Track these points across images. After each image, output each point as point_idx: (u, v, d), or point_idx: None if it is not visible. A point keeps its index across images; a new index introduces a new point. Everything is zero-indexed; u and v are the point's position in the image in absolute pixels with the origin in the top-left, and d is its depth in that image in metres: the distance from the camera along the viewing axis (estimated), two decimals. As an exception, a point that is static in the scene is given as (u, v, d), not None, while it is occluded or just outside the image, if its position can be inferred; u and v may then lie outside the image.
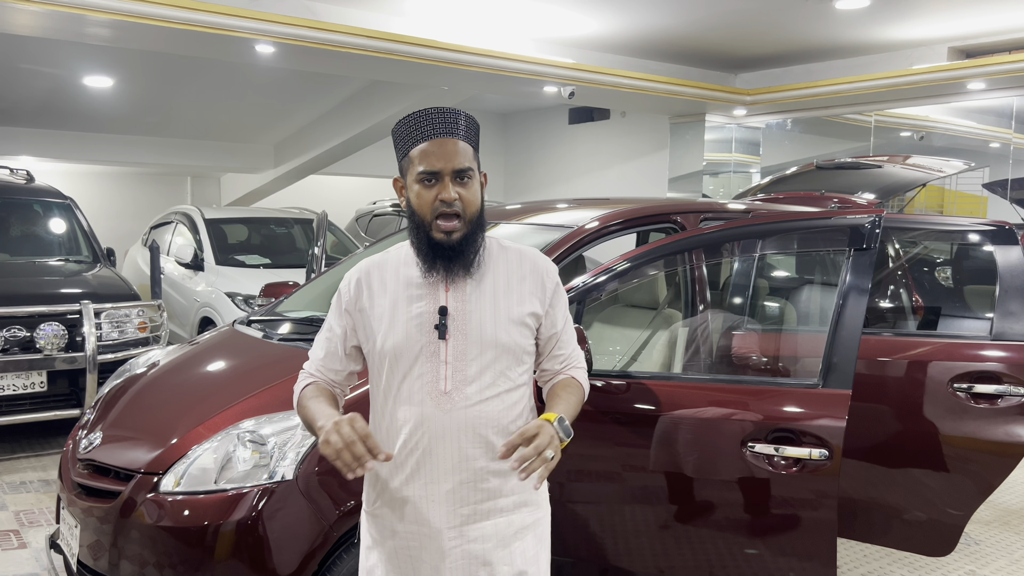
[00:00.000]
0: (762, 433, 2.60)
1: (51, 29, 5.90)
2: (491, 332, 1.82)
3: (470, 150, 1.81)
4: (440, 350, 1.81)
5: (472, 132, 1.84)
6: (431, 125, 1.79)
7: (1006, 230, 3.37)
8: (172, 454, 2.58)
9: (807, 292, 4.19)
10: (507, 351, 1.84)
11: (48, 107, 9.27)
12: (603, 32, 7.34)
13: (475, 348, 1.82)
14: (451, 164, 1.77)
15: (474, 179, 1.82)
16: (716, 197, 9.32)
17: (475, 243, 1.82)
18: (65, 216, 6.63)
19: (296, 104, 9.91)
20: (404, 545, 1.86)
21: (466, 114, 1.85)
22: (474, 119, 1.87)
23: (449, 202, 1.76)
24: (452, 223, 1.77)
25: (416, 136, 1.79)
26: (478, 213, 1.82)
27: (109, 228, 10.97)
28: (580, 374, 1.99)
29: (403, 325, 1.83)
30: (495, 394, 1.83)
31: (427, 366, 1.81)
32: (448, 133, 1.79)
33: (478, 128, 1.88)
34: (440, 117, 1.80)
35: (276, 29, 5.99)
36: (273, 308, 3.74)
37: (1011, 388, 3.11)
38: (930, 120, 9.07)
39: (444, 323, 1.81)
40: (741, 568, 2.76)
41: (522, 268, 1.90)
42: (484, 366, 1.82)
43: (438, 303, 1.83)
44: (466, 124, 1.82)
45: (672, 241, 2.97)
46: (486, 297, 1.84)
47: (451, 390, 1.80)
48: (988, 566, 4.02)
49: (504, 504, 1.86)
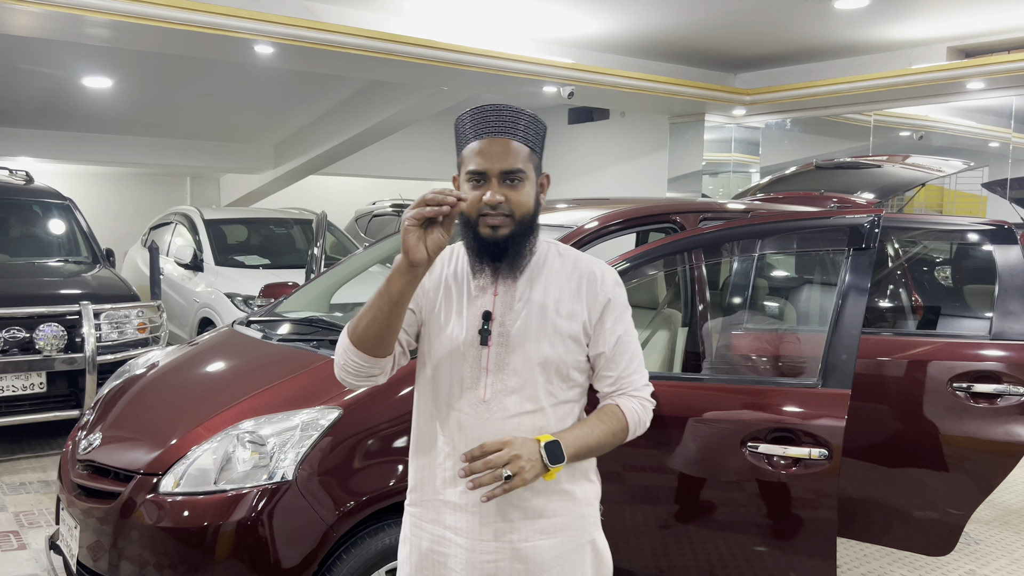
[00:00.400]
0: (762, 433, 2.60)
1: (50, 30, 5.90)
2: (534, 344, 1.75)
3: (524, 151, 1.72)
4: (482, 356, 1.76)
5: (531, 132, 1.74)
6: (486, 123, 1.72)
7: (1005, 229, 3.37)
8: (172, 455, 2.58)
9: (807, 292, 4.19)
10: (550, 365, 1.75)
11: (47, 108, 9.27)
12: (602, 32, 7.34)
13: (517, 359, 1.75)
14: (499, 165, 1.69)
15: (526, 181, 1.72)
16: (716, 197, 9.32)
17: (523, 244, 1.74)
18: (64, 217, 6.62)
19: (295, 104, 9.91)
20: (435, 549, 1.82)
21: (528, 114, 1.75)
22: (537, 119, 1.77)
23: (492, 204, 1.69)
24: (497, 220, 1.70)
25: (471, 134, 1.73)
26: (529, 216, 1.73)
27: (108, 229, 10.97)
28: (630, 402, 1.82)
29: (455, 324, 1.79)
30: (535, 408, 1.75)
31: (469, 371, 1.77)
32: (502, 132, 1.71)
33: (542, 129, 1.78)
34: (496, 115, 1.72)
35: (275, 29, 5.99)
36: (272, 309, 3.74)
37: (1010, 387, 3.11)
38: (929, 120, 9.07)
39: (487, 329, 1.75)
40: (741, 568, 2.76)
41: (576, 278, 1.80)
42: (526, 378, 1.75)
43: (484, 307, 1.77)
44: (526, 124, 1.73)
45: (671, 241, 2.97)
46: (534, 306, 1.76)
47: (490, 399, 1.75)
48: (988, 565, 4.02)
49: (544, 526, 1.77)
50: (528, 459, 1.64)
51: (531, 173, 1.74)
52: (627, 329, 1.83)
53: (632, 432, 1.82)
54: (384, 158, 11.78)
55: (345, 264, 4.00)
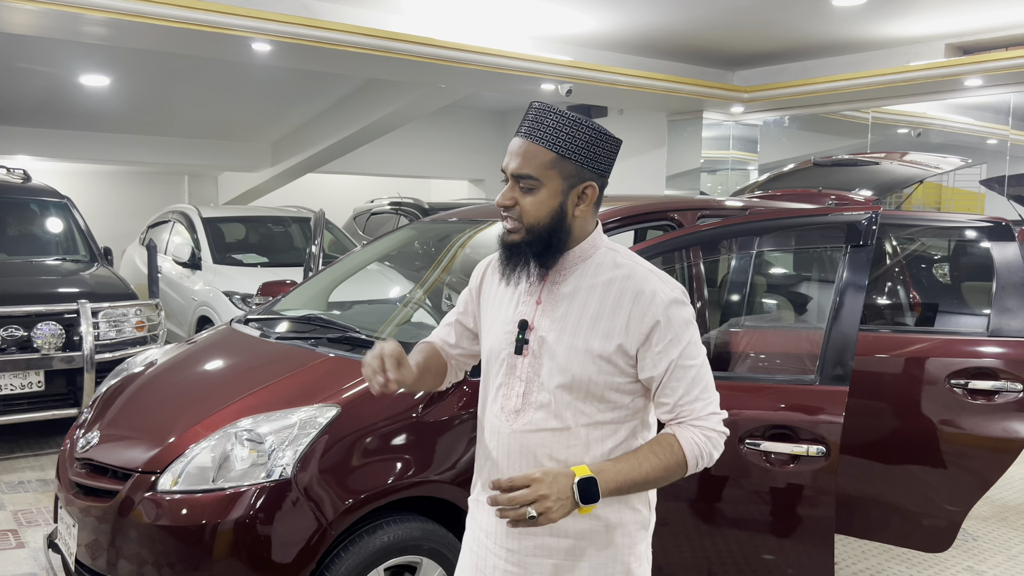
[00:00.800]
0: (760, 430, 2.60)
1: (47, 28, 5.88)
2: (564, 361, 1.66)
3: (546, 157, 1.62)
4: (518, 365, 1.71)
5: (561, 136, 1.62)
6: (523, 120, 1.68)
7: (1003, 226, 3.38)
8: (170, 453, 2.58)
9: (804, 289, 4.19)
10: (579, 385, 1.65)
11: (45, 106, 9.26)
12: (600, 30, 7.33)
13: (547, 373, 1.67)
14: (512, 167, 1.65)
15: (539, 189, 1.63)
16: (714, 195, 9.32)
17: (542, 253, 1.66)
18: (62, 215, 6.62)
19: (293, 102, 9.90)
20: (472, 548, 1.83)
21: (559, 115, 1.64)
22: (576, 122, 1.64)
23: (502, 206, 1.66)
24: (509, 223, 1.67)
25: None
26: (539, 226, 1.64)
27: (106, 227, 10.96)
28: (689, 433, 1.65)
29: (499, 328, 1.76)
30: (561, 427, 1.66)
31: (505, 378, 1.73)
32: (526, 134, 1.64)
33: (584, 133, 1.63)
34: (531, 115, 1.66)
35: (273, 27, 5.98)
36: (271, 307, 3.74)
37: (1008, 384, 3.11)
38: (927, 117, 9.08)
39: (523, 338, 1.70)
40: (739, 565, 2.76)
41: (621, 294, 1.66)
42: (555, 394, 1.66)
43: (523, 314, 1.72)
44: (554, 127, 1.63)
45: (669, 238, 2.97)
46: (571, 320, 1.67)
47: (520, 409, 1.70)
48: (986, 562, 4.02)
49: (566, 546, 1.69)
50: (557, 499, 1.52)
51: (551, 181, 1.63)
52: (684, 352, 1.64)
53: (693, 466, 1.65)
54: (382, 156, 11.77)
55: (343, 262, 4.00)
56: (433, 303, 3.58)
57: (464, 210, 4.11)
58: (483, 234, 3.67)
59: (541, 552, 1.71)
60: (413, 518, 2.61)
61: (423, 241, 4.07)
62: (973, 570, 3.93)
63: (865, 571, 3.87)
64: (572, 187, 1.65)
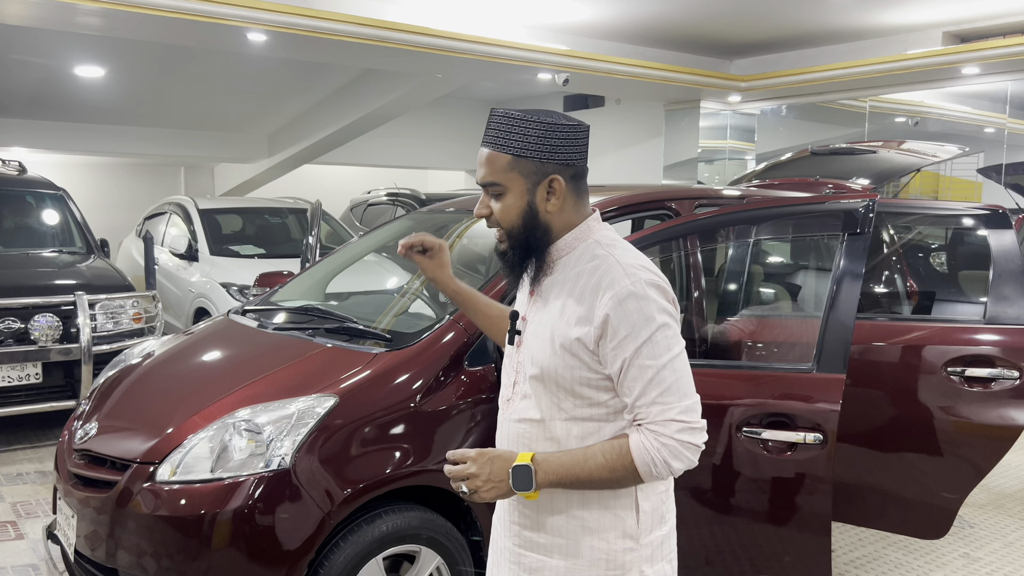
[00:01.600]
0: (757, 418, 2.61)
1: (41, 19, 5.86)
2: (536, 351, 1.67)
3: (503, 160, 1.63)
4: (512, 356, 1.77)
5: (513, 136, 1.62)
6: (485, 131, 1.69)
7: (1000, 214, 3.38)
8: (168, 443, 2.58)
9: (802, 277, 4.20)
10: (548, 377, 1.65)
11: (40, 98, 9.22)
12: (597, 18, 7.31)
13: (529, 364, 1.69)
14: (478, 177, 1.69)
15: (506, 193, 1.64)
16: (711, 184, 9.31)
17: (528, 255, 1.67)
18: (58, 207, 6.60)
19: (289, 93, 9.87)
20: (497, 528, 1.87)
21: (506, 117, 1.64)
22: (524, 120, 1.63)
23: (478, 216, 1.70)
24: (497, 233, 1.70)
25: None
26: (515, 229, 1.65)
27: (103, 219, 10.94)
28: (640, 438, 1.56)
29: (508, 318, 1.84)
30: (539, 418, 1.67)
31: (507, 368, 1.79)
32: (485, 142, 1.67)
33: (534, 129, 1.62)
34: (489, 122, 1.67)
35: (268, 17, 5.96)
36: (268, 298, 3.74)
37: (1004, 371, 3.12)
38: (925, 105, 9.06)
39: (516, 329, 1.74)
40: (737, 553, 2.77)
41: (585, 286, 1.62)
42: (535, 386, 1.68)
43: (519, 307, 1.78)
44: (505, 130, 1.63)
45: (666, 227, 2.97)
46: (546, 312, 1.69)
47: (510, 399, 1.75)
48: (982, 548, 4.05)
49: (547, 543, 1.69)
50: (487, 480, 1.59)
51: (514, 183, 1.63)
52: (641, 350, 1.54)
53: (645, 474, 1.56)
54: (379, 147, 11.74)
55: (340, 253, 4.00)
56: (430, 293, 3.58)
57: (461, 200, 4.10)
58: (480, 224, 3.67)
59: (526, 545, 1.74)
60: (412, 507, 2.61)
61: (420, 232, 4.06)
62: (969, 556, 3.95)
63: (862, 558, 3.89)
64: (537, 184, 1.64)
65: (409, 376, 2.65)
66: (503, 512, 1.81)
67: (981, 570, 3.80)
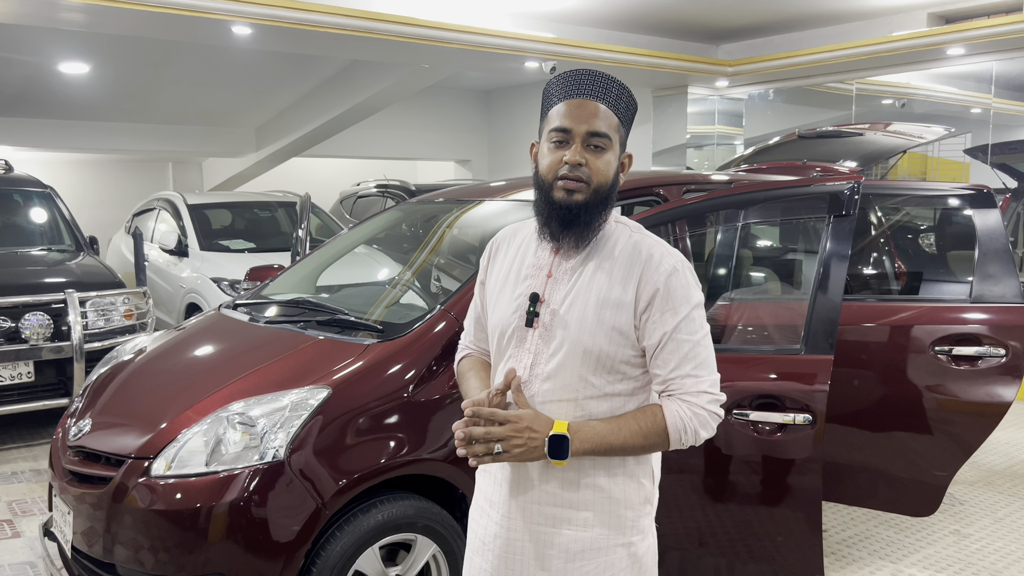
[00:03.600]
0: (747, 400, 2.63)
1: (23, 15, 5.81)
2: (576, 332, 1.65)
3: (614, 119, 1.66)
4: (527, 338, 1.72)
5: (622, 104, 1.68)
6: (578, 85, 1.66)
7: (984, 193, 3.41)
8: (162, 438, 2.59)
9: (790, 260, 4.22)
10: (591, 356, 1.65)
11: (24, 95, 9.16)
12: (582, 5, 7.29)
13: (557, 344, 1.67)
14: (586, 126, 1.63)
15: (609, 150, 1.65)
16: (700, 170, 9.33)
17: (594, 216, 1.66)
18: (46, 205, 6.57)
19: (276, 86, 9.82)
20: (476, 519, 1.84)
21: (621, 84, 1.68)
22: (630, 94, 1.70)
23: (573, 164, 1.62)
24: (574, 184, 1.63)
25: (560, 94, 1.67)
26: (606, 187, 1.65)
27: (91, 216, 10.89)
28: (675, 406, 1.63)
29: (506, 303, 1.76)
30: (570, 398, 1.66)
31: (516, 351, 1.73)
32: (593, 95, 1.65)
33: (634, 105, 1.71)
34: (590, 78, 1.66)
35: (253, 10, 5.93)
36: (259, 292, 3.74)
37: (991, 349, 3.16)
38: (911, 87, 9.09)
39: (534, 311, 1.70)
40: (730, 533, 2.80)
41: (631, 264, 1.67)
42: (562, 365, 1.66)
43: (534, 288, 1.72)
44: (617, 93, 1.67)
45: (654, 213, 2.99)
46: (582, 291, 1.67)
47: (528, 381, 1.69)
48: (972, 525, 4.09)
49: (570, 516, 1.69)
50: (525, 445, 1.57)
51: (616, 144, 1.67)
52: (680, 325, 1.63)
53: (676, 440, 1.63)
54: (367, 138, 11.71)
55: (330, 245, 4.00)
56: (421, 284, 3.59)
57: (451, 190, 4.11)
58: (470, 214, 3.68)
59: (544, 521, 1.71)
60: (407, 496, 2.63)
61: (410, 223, 4.07)
62: (960, 533, 4.00)
63: (854, 537, 3.94)
64: (621, 153, 1.71)
65: (401, 366, 2.67)
66: (497, 499, 1.77)
67: (972, 546, 3.85)
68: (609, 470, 1.69)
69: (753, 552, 2.79)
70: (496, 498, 1.78)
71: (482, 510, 1.83)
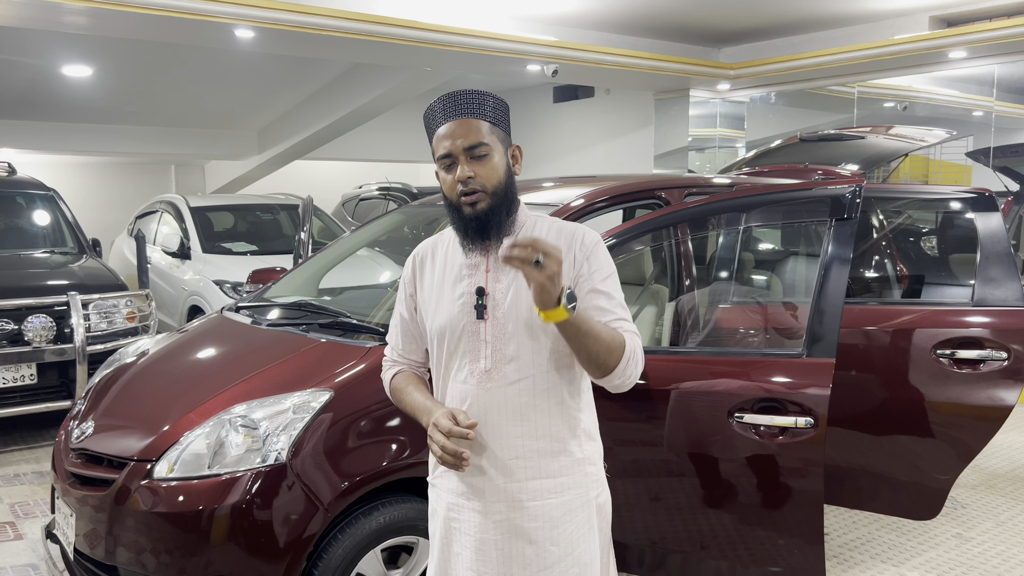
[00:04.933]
0: (749, 403, 2.63)
1: (27, 19, 5.83)
2: (524, 310, 1.82)
3: (484, 126, 1.82)
4: (480, 329, 1.85)
5: (487, 109, 1.84)
6: (444, 110, 1.83)
7: (986, 197, 3.41)
8: (165, 441, 2.60)
9: (791, 263, 4.22)
10: (544, 329, 1.81)
11: (27, 98, 9.18)
12: (585, 8, 7.30)
13: (511, 326, 1.83)
14: (461, 142, 1.79)
15: (491, 154, 1.81)
16: (702, 173, 9.33)
17: (502, 215, 1.83)
18: (49, 208, 6.58)
19: (278, 89, 9.84)
20: (450, 516, 1.91)
21: (481, 93, 1.85)
22: (489, 95, 1.86)
23: (464, 180, 1.78)
24: (473, 196, 1.79)
25: (433, 123, 1.85)
26: (501, 186, 1.81)
27: (94, 219, 10.90)
28: (629, 337, 1.81)
29: (448, 305, 1.88)
30: (536, 372, 1.83)
31: (469, 344, 1.86)
32: (460, 114, 1.81)
33: (500, 104, 1.87)
34: (452, 100, 1.83)
35: (256, 14, 5.94)
36: (261, 294, 3.75)
37: (993, 353, 3.16)
38: (913, 90, 9.08)
39: (482, 303, 1.84)
40: (732, 537, 2.80)
41: (558, 242, 1.85)
42: (521, 344, 1.83)
43: (477, 283, 1.86)
44: (477, 103, 1.83)
45: (657, 216, 2.99)
46: (521, 275, 1.81)
47: (491, 368, 1.84)
48: (974, 528, 4.09)
49: (550, 485, 1.86)
50: (557, 276, 1.61)
51: (497, 144, 1.83)
52: (606, 281, 1.85)
53: (625, 359, 1.77)
54: (369, 141, 11.72)
55: (332, 248, 4.01)
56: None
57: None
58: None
59: (528, 496, 1.84)
60: (408, 499, 2.63)
61: (412, 225, 4.08)
62: (962, 536, 3.99)
63: (856, 540, 3.93)
64: (507, 149, 1.87)
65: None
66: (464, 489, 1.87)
67: (973, 550, 3.84)
68: (574, 432, 1.88)
69: (755, 556, 2.78)
70: (479, 486, 1.87)
71: (452, 506, 1.91)
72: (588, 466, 1.91)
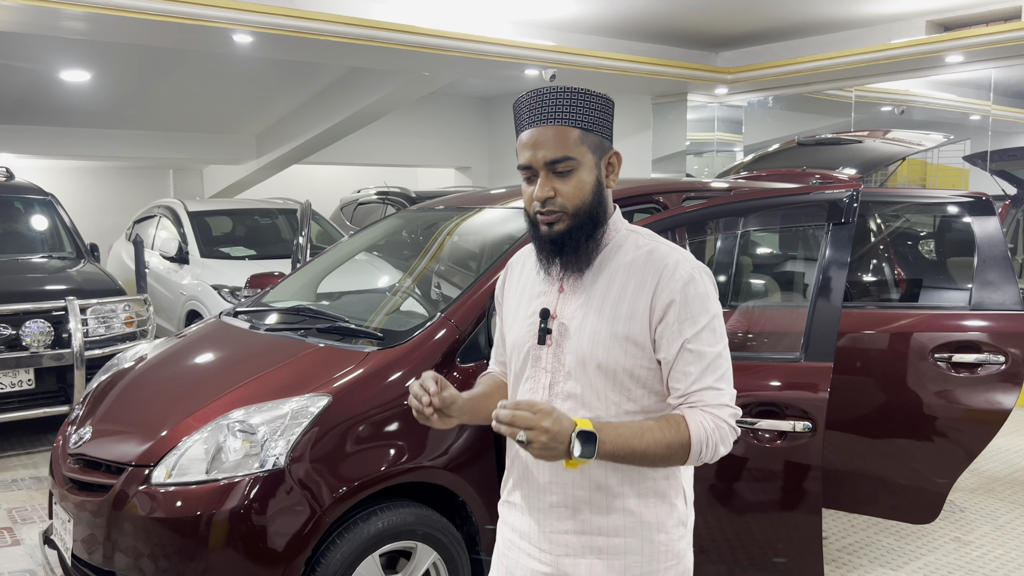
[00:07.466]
0: (747, 407, 2.63)
1: (26, 24, 5.83)
2: (588, 347, 1.60)
3: (572, 134, 1.57)
4: (542, 356, 1.66)
5: (581, 112, 1.58)
6: (530, 111, 1.60)
7: (983, 201, 3.41)
8: (162, 446, 2.59)
9: (789, 267, 4.23)
10: (607, 371, 1.59)
11: (25, 103, 9.18)
12: (582, 13, 7.32)
13: (572, 361, 1.61)
14: (543, 155, 1.57)
15: (578, 169, 1.58)
16: (700, 177, 9.34)
17: (581, 238, 1.60)
18: (47, 212, 6.58)
19: (276, 93, 9.85)
20: (503, 552, 1.78)
21: (575, 92, 1.59)
22: (590, 95, 1.60)
23: (542, 200, 1.58)
24: (551, 216, 1.59)
25: (519, 123, 1.64)
26: (585, 206, 1.59)
27: (92, 223, 10.90)
28: (698, 416, 1.55)
29: (521, 322, 1.71)
30: (591, 417, 1.58)
31: (532, 371, 1.68)
32: (543, 120, 1.58)
33: (599, 104, 1.61)
34: (539, 101, 1.59)
35: (253, 19, 5.95)
36: (259, 299, 3.75)
37: (990, 356, 3.16)
38: (910, 94, 9.11)
39: (545, 327, 1.64)
40: (730, 541, 2.80)
41: (644, 273, 1.60)
42: (581, 383, 1.61)
43: (545, 304, 1.66)
44: (570, 105, 1.58)
45: (654, 221, 2.99)
46: (594, 304, 1.61)
47: (548, 401, 1.62)
48: (972, 532, 4.09)
49: (602, 545, 1.63)
50: (552, 438, 1.43)
51: (584, 157, 1.59)
52: (699, 335, 1.56)
53: (696, 453, 1.54)
54: (367, 145, 11.73)
55: (331, 253, 4.01)
56: (422, 292, 3.59)
57: (451, 198, 4.11)
58: (470, 221, 3.69)
59: (574, 552, 1.65)
60: (407, 504, 2.63)
61: (411, 230, 4.08)
62: (960, 540, 3.99)
63: (854, 544, 3.93)
64: (601, 158, 1.63)
65: (402, 374, 2.67)
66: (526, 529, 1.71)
67: (972, 553, 3.84)
68: (639, 491, 1.63)
69: (753, 559, 2.78)
70: (525, 528, 1.71)
71: (510, 542, 1.76)
72: (657, 533, 1.64)
